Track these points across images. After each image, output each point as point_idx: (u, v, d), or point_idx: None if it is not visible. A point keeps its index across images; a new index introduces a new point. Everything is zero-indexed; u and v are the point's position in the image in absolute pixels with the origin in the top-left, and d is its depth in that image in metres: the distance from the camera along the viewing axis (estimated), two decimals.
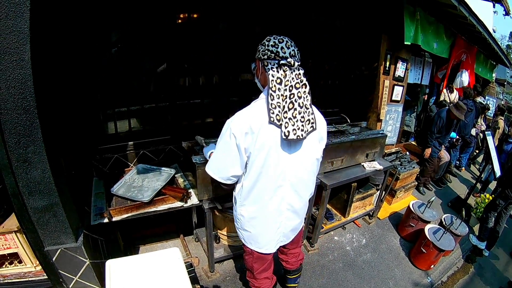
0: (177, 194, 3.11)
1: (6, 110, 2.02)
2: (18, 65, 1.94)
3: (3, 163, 2.15)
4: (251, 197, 2.25)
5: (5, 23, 1.85)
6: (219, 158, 2.18)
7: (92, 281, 2.73)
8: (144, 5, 3.55)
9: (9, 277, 2.98)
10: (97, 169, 3.76)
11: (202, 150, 3.18)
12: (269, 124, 1.97)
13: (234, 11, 4.03)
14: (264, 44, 2.00)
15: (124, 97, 3.85)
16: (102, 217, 2.89)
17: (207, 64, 4.08)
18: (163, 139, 4.02)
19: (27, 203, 2.30)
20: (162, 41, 3.79)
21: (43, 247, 2.51)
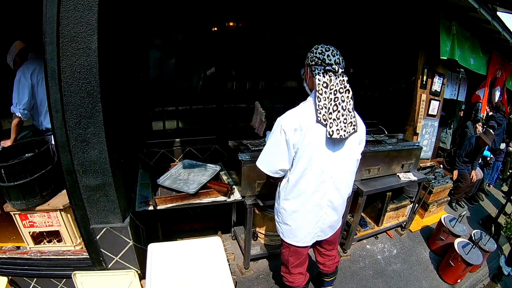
0: (221, 189, 3.32)
1: (70, 93, 2.25)
2: (85, 53, 2.18)
3: (61, 141, 2.39)
4: (295, 191, 2.46)
5: (73, 14, 2.09)
6: (269, 152, 2.43)
7: (132, 262, 2.92)
8: (197, 11, 3.89)
9: (47, 253, 3.20)
10: (143, 162, 4.04)
11: (246, 150, 3.50)
12: (316, 123, 2.22)
13: (280, 23, 4.29)
14: (312, 52, 2.28)
15: (174, 97, 4.17)
16: (147, 204, 3.11)
17: (254, 70, 4.32)
18: (209, 138, 4.27)
19: (79, 181, 2.52)
20: (213, 46, 4.09)
21: (89, 224, 2.72)
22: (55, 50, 2.18)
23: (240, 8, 4.04)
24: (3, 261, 3.30)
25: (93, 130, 2.36)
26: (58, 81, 2.24)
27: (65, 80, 2.24)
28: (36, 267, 3.18)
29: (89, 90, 2.26)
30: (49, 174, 3.09)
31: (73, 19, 2.12)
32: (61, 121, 2.34)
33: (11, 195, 3.01)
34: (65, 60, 2.20)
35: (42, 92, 3.62)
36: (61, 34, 2.15)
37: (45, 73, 2.26)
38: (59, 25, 2.13)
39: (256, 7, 4.10)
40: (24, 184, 2.93)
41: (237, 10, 4.05)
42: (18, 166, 2.91)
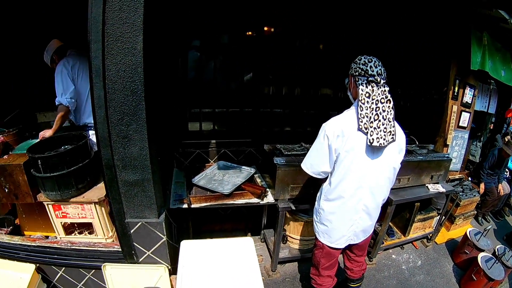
0: (255, 191, 3.41)
1: (114, 90, 2.36)
2: (130, 53, 2.28)
3: (103, 136, 2.50)
4: (334, 193, 2.59)
5: (118, 14, 2.19)
6: (313, 155, 2.61)
7: (163, 257, 3.01)
8: (235, 15, 4.01)
9: (77, 244, 3.32)
10: (178, 161, 4.18)
11: (280, 154, 3.59)
12: (357, 131, 2.36)
13: (315, 31, 4.36)
14: (356, 62, 2.42)
15: (211, 99, 4.29)
16: (181, 202, 3.22)
17: (291, 76, 4.39)
18: (244, 141, 4.39)
19: (118, 176, 2.64)
20: (250, 51, 4.19)
21: (125, 218, 2.83)
22: (100, 48, 2.28)
23: (277, 12, 4.11)
24: (32, 248, 3.44)
25: (135, 127, 2.46)
26: (102, 78, 2.35)
27: (109, 78, 2.35)
28: (65, 256, 3.29)
29: (133, 89, 2.36)
30: (86, 168, 3.23)
31: (119, 20, 2.21)
32: (104, 117, 2.44)
33: (46, 186, 3.15)
34: (110, 58, 2.30)
35: (82, 87, 3.74)
36: (106, 33, 2.25)
37: (90, 70, 2.37)
38: (104, 24, 2.23)
39: (292, 12, 4.17)
40: (61, 176, 3.05)
41: (275, 14, 4.12)
42: (55, 158, 3.04)
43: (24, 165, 3.29)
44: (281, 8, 4.09)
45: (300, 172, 3.23)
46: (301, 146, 3.68)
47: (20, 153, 3.58)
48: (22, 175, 3.30)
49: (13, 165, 3.31)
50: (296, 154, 3.47)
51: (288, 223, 3.97)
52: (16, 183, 3.37)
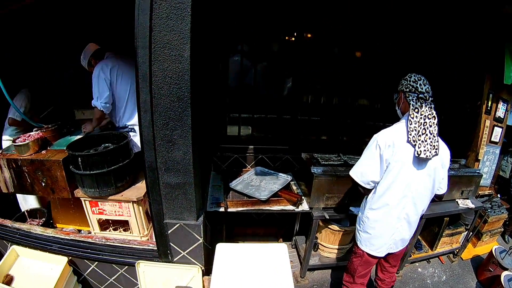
0: (291, 198, 3.51)
1: (160, 96, 2.47)
2: (177, 60, 2.38)
3: (147, 140, 2.62)
4: (380, 201, 2.73)
5: (165, 22, 2.29)
6: (363, 165, 2.73)
7: (198, 258, 3.12)
8: (276, 22, 4.11)
9: (112, 240, 3.44)
10: (215, 165, 4.29)
11: (317, 163, 3.69)
12: (406, 143, 2.52)
13: (353, 41, 4.40)
14: (407, 80, 2.62)
15: (250, 105, 4.39)
16: (218, 206, 3.33)
17: (329, 85, 4.44)
18: (282, 148, 4.47)
19: (160, 178, 2.76)
20: (290, 59, 4.27)
21: (163, 219, 2.95)
22: (147, 54, 2.38)
23: (318, 19, 4.16)
24: (66, 242, 3.57)
25: (180, 132, 2.57)
26: (149, 84, 2.45)
27: (155, 84, 2.45)
28: (99, 251, 3.42)
29: (179, 95, 2.46)
30: (126, 168, 3.35)
31: (166, 27, 2.31)
32: (149, 121, 2.56)
33: (85, 183, 3.29)
34: (156, 64, 2.40)
35: (121, 90, 3.84)
36: (153, 40, 2.35)
37: (136, 75, 2.47)
38: (151, 31, 2.33)
39: (332, 21, 4.22)
40: (100, 174, 3.19)
41: (315, 21, 4.17)
42: (96, 156, 3.18)
43: (63, 161, 3.44)
44: (322, 16, 4.14)
45: (335, 182, 3.34)
46: (338, 157, 3.76)
47: (59, 149, 3.75)
48: (61, 170, 3.45)
49: (52, 160, 3.48)
50: (332, 164, 3.55)
51: (320, 231, 4.06)
52: (54, 178, 3.53)
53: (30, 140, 3.71)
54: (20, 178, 3.82)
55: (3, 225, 4.12)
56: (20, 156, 3.71)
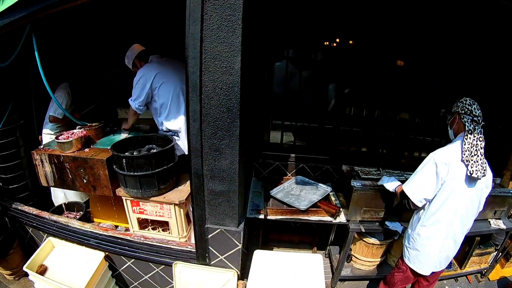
0: (330, 210, 3.60)
1: (209, 106, 2.56)
2: (228, 72, 2.45)
3: (195, 147, 2.73)
4: (433, 219, 2.83)
5: (216, 33, 2.36)
6: (418, 181, 2.83)
7: (234, 263, 3.23)
8: (318, 33, 4.16)
9: (150, 239, 3.56)
10: (256, 171, 4.38)
11: (357, 177, 3.75)
12: (460, 162, 2.63)
13: (396, 54, 4.37)
14: (462, 102, 2.75)
15: (294, 112, 4.46)
16: (258, 213, 3.43)
17: (372, 97, 4.45)
18: (322, 158, 4.52)
19: (205, 185, 2.87)
20: (333, 68, 4.30)
21: (205, 223, 3.07)
22: (198, 64, 2.46)
23: (362, 28, 4.17)
24: (103, 237, 3.72)
25: (228, 142, 2.66)
26: (199, 94, 2.54)
27: (205, 94, 2.54)
28: (137, 249, 3.55)
29: (229, 106, 2.54)
30: (170, 171, 3.47)
31: (217, 38, 2.38)
32: (198, 130, 2.66)
33: (128, 183, 3.43)
34: (207, 75, 2.49)
35: (163, 95, 3.91)
36: (204, 51, 2.43)
37: (186, 84, 2.56)
38: (202, 42, 2.40)
39: (376, 29, 4.18)
40: (144, 176, 3.32)
41: (359, 30, 4.18)
42: (141, 159, 3.30)
43: (107, 160, 3.57)
44: (365, 23, 4.13)
45: (374, 197, 3.42)
46: (378, 171, 3.80)
47: (102, 148, 3.89)
48: (104, 169, 3.59)
49: (96, 159, 3.62)
50: (372, 179, 3.61)
51: (355, 243, 4.13)
52: (96, 176, 3.68)
53: (74, 138, 3.85)
54: (61, 174, 3.98)
55: (41, 217, 4.29)
56: (62, 153, 3.87)
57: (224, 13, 2.30)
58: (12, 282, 4.61)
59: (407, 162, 4.38)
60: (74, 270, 3.61)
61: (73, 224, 4.03)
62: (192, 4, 2.34)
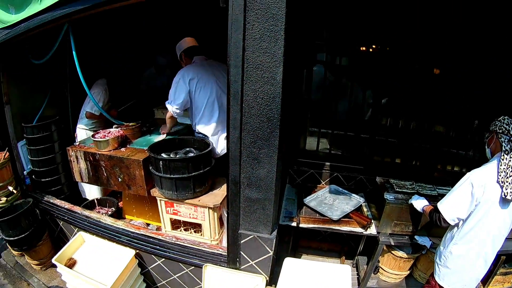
0: (361, 221, 3.64)
1: (250, 115, 2.63)
2: (269, 82, 2.50)
3: (234, 155, 2.81)
4: (466, 238, 2.83)
5: (258, 43, 2.41)
6: (453, 201, 2.82)
7: (264, 269, 3.29)
8: (356, 38, 4.17)
9: (182, 240, 3.66)
10: (291, 177, 4.42)
11: (391, 189, 3.76)
12: (495, 183, 2.60)
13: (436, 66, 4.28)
14: (500, 121, 2.70)
15: (330, 120, 4.48)
16: (291, 220, 3.49)
17: (408, 108, 4.40)
18: (357, 168, 4.52)
19: (242, 192, 2.94)
20: (371, 78, 4.31)
21: (238, 229, 3.13)
22: (240, 73, 2.52)
23: (400, 35, 4.11)
24: (135, 235, 3.85)
25: (266, 151, 2.72)
26: (240, 102, 2.61)
27: (246, 103, 2.60)
28: (168, 249, 3.66)
29: (269, 116, 2.59)
30: (206, 175, 3.56)
31: (259, 48, 2.42)
32: (237, 138, 2.73)
33: (164, 185, 3.53)
34: (248, 84, 2.54)
35: (199, 100, 3.97)
36: (246, 60, 2.48)
37: (228, 93, 2.63)
38: (244, 51, 2.46)
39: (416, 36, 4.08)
40: (180, 179, 3.40)
41: (397, 37, 4.13)
42: (178, 162, 3.39)
43: (143, 161, 3.68)
44: (404, 29, 4.06)
45: (405, 210, 3.46)
46: (412, 185, 3.77)
47: (138, 148, 4.01)
48: (140, 170, 3.70)
49: (132, 159, 3.73)
50: (405, 192, 3.60)
51: (383, 255, 4.16)
52: (132, 175, 3.79)
53: (110, 137, 3.98)
54: (96, 171, 4.12)
55: (73, 211, 4.44)
56: (98, 151, 4.00)
57: (267, 23, 2.35)
58: (38, 272, 4.78)
59: (439, 175, 4.34)
60: (103, 265, 3.73)
61: (105, 220, 4.16)
62: (235, 13, 2.40)
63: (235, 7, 2.38)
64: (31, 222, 4.41)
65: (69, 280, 3.79)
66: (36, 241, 4.52)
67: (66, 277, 3.80)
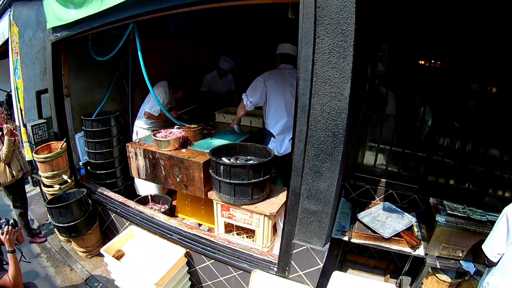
0: (411, 241, 3.68)
1: (316, 128, 2.72)
2: (336, 98, 2.57)
3: (297, 166, 2.90)
4: (501, 269, 2.84)
5: (327, 58, 2.50)
6: (492, 238, 2.87)
7: (312, 280, 3.35)
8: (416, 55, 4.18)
9: (234, 244, 3.79)
10: (346, 191, 4.48)
11: (443, 211, 3.76)
12: None
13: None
14: None
15: (389, 136, 4.51)
16: (343, 234, 3.56)
17: (470, 132, 4.31)
18: (411, 187, 4.52)
19: (300, 203, 3.03)
20: (432, 97, 4.28)
21: (292, 239, 3.21)
22: (308, 87, 2.62)
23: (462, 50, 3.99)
24: (187, 235, 4.02)
25: (329, 165, 2.78)
26: (307, 115, 2.70)
27: (313, 116, 2.69)
28: (219, 251, 3.79)
29: (335, 131, 2.66)
30: (265, 182, 3.68)
31: (328, 63, 2.51)
32: (302, 150, 2.83)
33: (222, 189, 3.67)
34: (316, 98, 2.63)
35: (270, 103, 4.42)
36: (315, 74, 2.58)
37: (296, 105, 2.75)
38: (313, 65, 2.55)
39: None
40: (239, 185, 3.53)
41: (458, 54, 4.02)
42: (240, 168, 3.52)
43: (203, 164, 3.82)
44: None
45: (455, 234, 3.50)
46: (464, 208, 3.76)
47: (199, 150, 4.18)
48: (200, 172, 3.86)
49: (192, 161, 3.90)
50: (457, 216, 3.60)
51: (427, 277, 4.18)
52: (191, 176, 3.95)
53: (172, 138, 4.17)
54: (154, 169, 4.32)
55: (126, 205, 4.67)
56: (158, 150, 4.20)
57: (336, 38, 2.44)
58: (83, 259, 5.05)
59: (490, 200, 4.30)
60: (151, 261, 3.88)
61: (158, 217, 4.35)
62: (305, 26, 2.50)
63: (305, 20, 2.50)
64: (83, 211, 4.67)
65: (115, 271, 3.97)
66: (85, 230, 4.78)
67: (112, 268, 3.98)
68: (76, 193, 4.90)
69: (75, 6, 4.03)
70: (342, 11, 2.38)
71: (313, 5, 2.44)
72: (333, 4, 2.39)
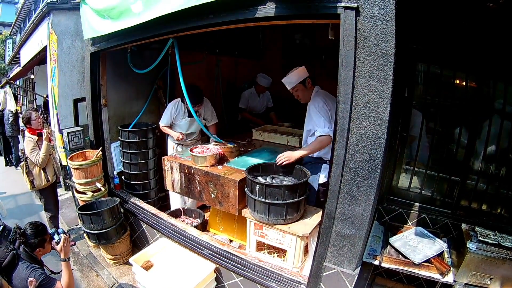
0: (441, 268, 3.73)
1: (354, 152, 2.80)
2: (375, 122, 2.64)
3: (333, 190, 2.99)
4: None
5: (367, 81, 2.58)
6: None
7: None
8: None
9: (264, 262, 3.86)
10: (379, 214, 4.48)
11: (475, 238, 3.75)
12: None
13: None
14: None
15: (424, 159, 4.50)
16: (374, 258, 3.61)
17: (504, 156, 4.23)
18: (444, 211, 4.49)
19: (334, 226, 3.10)
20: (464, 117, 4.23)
21: (323, 261, 3.28)
22: (348, 110, 2.70)
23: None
24: (218, 251, 4.12)
25: (365, 190, 2.85)
26: (345, 139, 2.78)
27: (351, 140, 2.77)
28: (249, 269, 3.87)
29: (372, 156, 2.73)
30: (300, 203, 3.75)
31: (368, 86, 2.59)
32: (339, 174, 2.90)
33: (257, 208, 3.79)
34: (355, 122, 2.71)
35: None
36: (355, 97, 2.66)
37: (334, 128, 2.85)
38: (353, 88, 2.64)
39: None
40: (274, 204, 3.62)
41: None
42: (275, 188, 3.63)
43: (239, 181, 3.93)
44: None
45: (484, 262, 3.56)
46: (495, 235, 3.86)
47: (235, 168, 4.28)
48: (235, 189, 3.97)
49: (228, 178, 4.01)
50: (487, 243, 3.67)
51: None
52: (226, 193, 4.07)
53: (209, 154, 4.31)
54: (189, 184, 4.46)
55: (158, 217, 4.83)
56: (194, 165, 4.34)
57: (376, 61, 2.52)
58: (110, 266, 5.21)
59: None
60: (179, 274, 3.99)
61: (190, 231, 4.48)
62: (346, 48, 2.60)
63: (345, 42, 2.59)
64: (114, 219, 4.83)
65: (143, 281, 4.10)
66: (116, 238, 4.93)
67: (140, 278, 4.12)
68: (108, 202, 5.06)
69: (112, 18, 4.18)
70: (382, 33, 2.47)
71: (353, 27, 2.54)
72: (373, 26, 2.49)
